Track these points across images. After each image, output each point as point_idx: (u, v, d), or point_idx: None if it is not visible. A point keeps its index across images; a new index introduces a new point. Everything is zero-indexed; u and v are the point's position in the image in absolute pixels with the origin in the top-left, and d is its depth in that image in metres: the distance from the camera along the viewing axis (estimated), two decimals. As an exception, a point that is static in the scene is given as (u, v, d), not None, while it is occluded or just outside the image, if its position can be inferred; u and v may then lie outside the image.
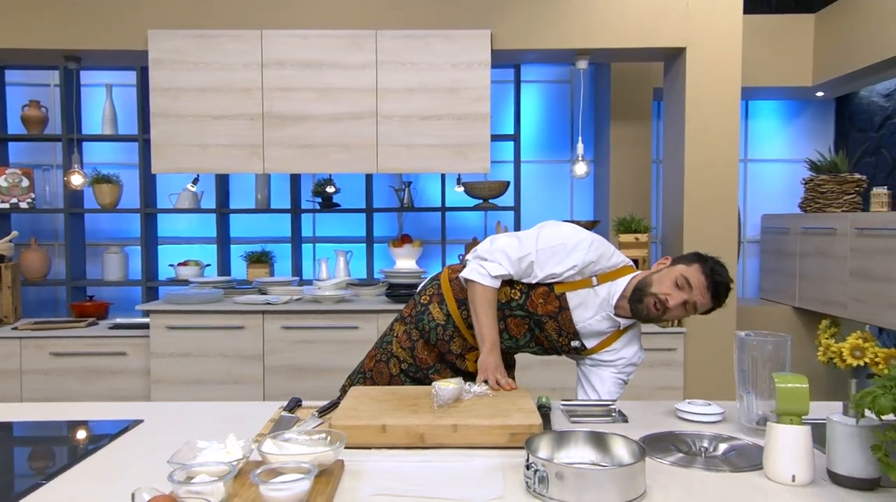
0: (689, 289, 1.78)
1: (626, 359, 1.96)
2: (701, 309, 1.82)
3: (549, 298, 1.89)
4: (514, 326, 1.95)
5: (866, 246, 3.86)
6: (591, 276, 1.88)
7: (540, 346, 1.99)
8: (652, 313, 1.81)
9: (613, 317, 1.89)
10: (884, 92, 4.63)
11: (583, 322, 1.90)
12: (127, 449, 1.48)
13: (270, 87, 3.57)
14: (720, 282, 1.79)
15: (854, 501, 1.20)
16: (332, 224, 4.71)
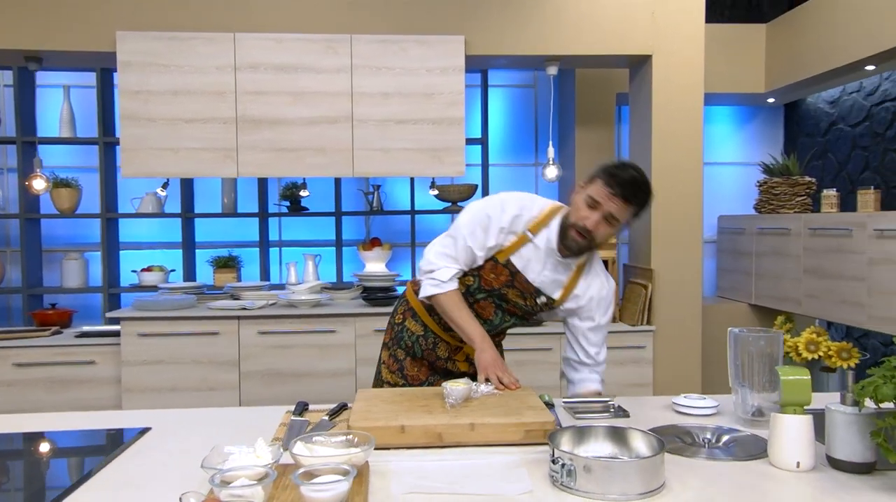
0: (599, 205, 1.79)
1: (595, 298, 1.96)
2: (624, 216, 1.81)
3: (497, 269, 1.92)
4: (482, 310, 1.98)
5: (818, 245, 4.07)
6: (523, 231, 1.90)
7: (515, 317, 2.01)
8: (580, 242, 1.83)
9: (563, 261, 1.90)
10: (829, 99, 4.88)
11: (537, 276, 1.91)
12: (144, 455, 1.48)
13: (244, 91, 3.55)
14: (624, 180, 1.77)
15: (853, 484, 1.29)
16: (299, 228, 4.69)
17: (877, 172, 4.43)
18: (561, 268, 1.92)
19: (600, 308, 1.97)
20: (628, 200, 1.78)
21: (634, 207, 1.80)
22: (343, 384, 3.52)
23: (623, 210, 1.79)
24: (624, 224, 1.84)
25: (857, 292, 3.75)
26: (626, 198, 1.77)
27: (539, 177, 4.89)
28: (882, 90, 4.40)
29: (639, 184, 1.79)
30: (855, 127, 4.63)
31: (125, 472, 1.38)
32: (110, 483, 1.32)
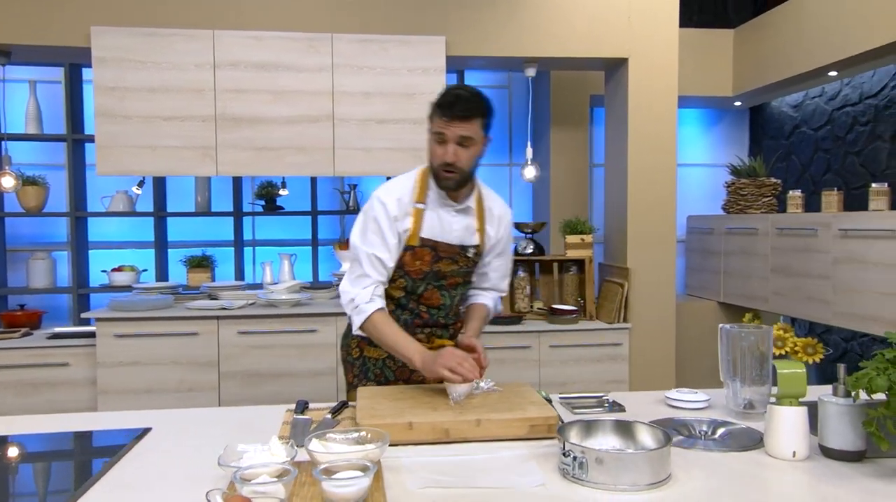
0: (445, 135, 1.83)
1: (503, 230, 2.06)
2: (472, 131, 1.83)
3: (417, 254, 1.94)
4: (429, 299, 1.99)
5: (785, 244, 4.20)
6: (413, 206, 1.92)
7: (461, 286, 2.03)
8: (451, 177, 1.86)
9: (458, 206, 1.95)
10: (793, 103, 5.04)
11: (451, 234, 1.95)
12: (150, 455, 1.47)
13: (223, 89, 3.51)
14: (451, 102, 1.80)
15: (846, 472, 1.36)
16: (272, 227, 4.65)
17: (838, 174, 4.59)
18: (462, 214, 1.97)
19: (507, 236, 2.09)
20: (465, 117, 1.81)
21: (477, 119, 1.84)
22: (324, 384, 3.52)
23: (467, 127, 1.82)
24: (484, 138, 1.88)
25: (822, 290, 3.89)
26: (462, 115, 1.81)
27: (513, 176, 4.94)
28: (843, 95, 4.56)
29: (465, 98, 1.83)
30: (817, 130, 4.79)
31: (133, 473, 1.37)
32: (120, 484, 1.32)
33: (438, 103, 1.86)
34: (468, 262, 2.00)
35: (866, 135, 4.36)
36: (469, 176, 1.92)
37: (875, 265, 3.53)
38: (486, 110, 1.87)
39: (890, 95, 4.19)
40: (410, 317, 2.02)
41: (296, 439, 1.44)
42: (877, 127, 4.28)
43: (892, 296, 3.42)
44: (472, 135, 1.84)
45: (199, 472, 1.37)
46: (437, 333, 2.06)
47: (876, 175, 4.27)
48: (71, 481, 1.38)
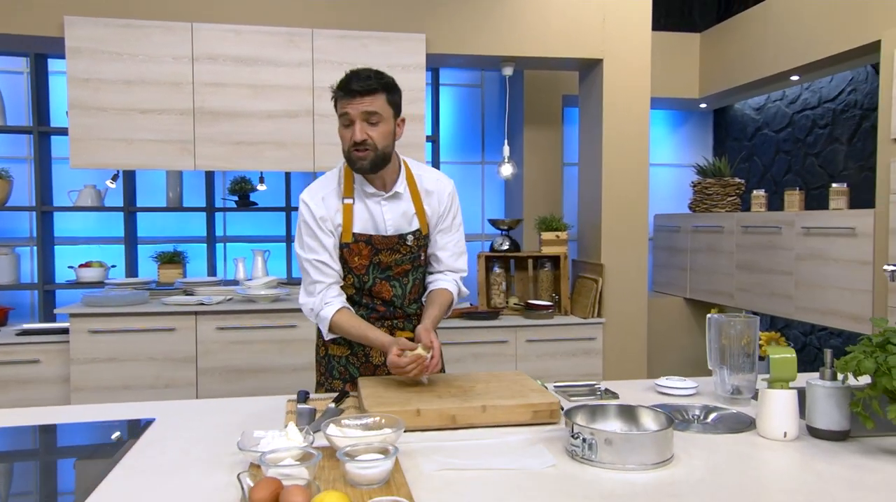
0: (348, 115, 1.81)
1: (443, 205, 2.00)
2: (377, 106, 1.81)
3: (355, 249, 1.91)
4: (381, 292, 1.97)
5: (750, 242, 4.35)
6: (341, 202, 1.91)
7: (411, 272, 2.00)
8: (363, 156, 1.82)
9: (385, 194, 1.92)
10: (755, 106, 5.21)
11: (384, 223, 1.93)
12: (160, 443, 1.47)
13: (202, 82, 3.48)
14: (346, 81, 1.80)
15: (834, 450, 1.44)
16: (243, 223, 4.62)
17: (798, 175, 4.77)
18: (392, 201, 1.94)
19: (449, 210, 2.02)
20: (364, 91, 1.78)
21: (379, 94, 1.81)
22: (304, 379, 3.51)
23: (369, 102, 1.79)
24: (393, 114, 1.85)
25: (785, 285, 4.04)
26: (362, 91, 1.78)
27: (486, 174, 5.00)
28: (803, 99, 4.74)
29: (359, 73, 1.81)
30: (778, 132, 4.97)
31: (147, 460, 1.38)
32: (136, 471, 1.32)
33: (337, 87, 1.84)
34: (409, 250, 1.96)
35: (825, 138, 4.54)
36: (385, 156, 1.86)
37: (836, 261, 3.69)
38: (386, 85, 1.83)
39: (846, 100, 4.37)
40: (366, 312, 1.99)
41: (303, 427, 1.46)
42: (834, 130, 4.47)
43: (852, 291, 3.58)
44: (376, 110, 1.80)
45: (213, 458, 1.38)
46: (399, 325, 2.02)
47: (834, 176, 4.45)
48: (85, 470, 1.38)
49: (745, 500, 1.18)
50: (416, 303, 2.06)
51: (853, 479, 1.28)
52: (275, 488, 1.08)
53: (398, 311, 2.01)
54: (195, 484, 1.26)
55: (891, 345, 1.33)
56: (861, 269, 3.52)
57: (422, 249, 2.01)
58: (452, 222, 2.04)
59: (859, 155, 4.27)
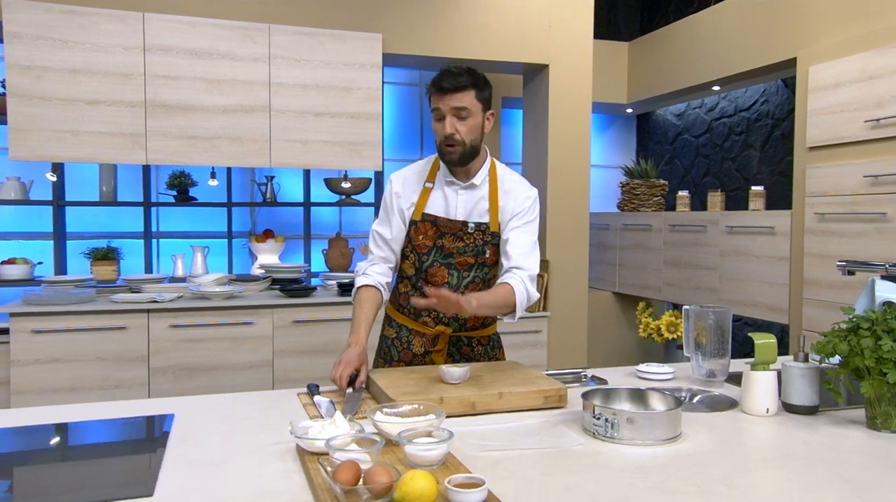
0: (441, 111, 1.92)
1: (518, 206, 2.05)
2: (467, 101, 1.90)
3: (421, 228, 2.03)
4: (435, 276, 2.04)
5: (677, 239, 4.67)
6: (420, 185, 2.05)
7: (474, 268, 2.05)
8: (453, 150, 1.94)
9: (464, 184, 2.03)
10: (676, 112, 5.58)
11: (455, 210, 2.03)
12: (195, 437, 1.49)
13: (154, 74, 3.40)
14: (440, 78, 1.90)
15: (808, 422, 1.64)
16: (178, 218, 4.51)
17: (716, 177, 5.16)
18: (467, 191, 2.04)
19: (526, 212, 2.07)
20: (455, 88, 1.89)
21: (468, 90, 1.91)
22: (259, 376, 3.50)
23: (459, 98, 1.90)
24: (482, 109, 1.95)
25: (710, 279, 4.38)
26: (452, 88, 1.89)
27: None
28: (720, 107, 5.13)
29: (452, 72, 1.91)
30: (698, 137, 5.34)
31: (192, 453, 1.39)
32: (186, 462, 1.34)
33: (431, 82, 1.95)
34: (474, 240, 2.03)
35: (740, 144, 4.94)
36: (474, 149, 1.98)
37: (756, 257, 4.04)
38: (476, 81, 1.92)
39: (760, 110, 4.77)
40: (420, 296, 2.03)
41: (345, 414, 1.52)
42: (749, 136, 4.87)
43: (770, 285, 3.94)
44: (465, 106, 1.90)
45: (259, 449, 1.42)
46: (445, 319, 2.08)
47: (749, 179, 4.85)
48: (132, 465, 1.38)
49: (756, 466, 1.35)
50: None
51: (833, 445, 1.47)
52: (356, 470, 1.15)
53: None
54: (255, 472, 1.30)
55: (861, 329, 1.55)
56: (779, 265, 3.88)
57: (487, 245, 2.05)
58: (527, 224, 2.06)
59: (771, 160, 4.67)
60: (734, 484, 1.24)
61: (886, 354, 1.48)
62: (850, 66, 3.42)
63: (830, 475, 1.30)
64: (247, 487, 1.23)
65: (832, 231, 3.52)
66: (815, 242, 3.61)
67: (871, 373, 1.52)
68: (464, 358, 2.15)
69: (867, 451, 1.45)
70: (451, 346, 2.14)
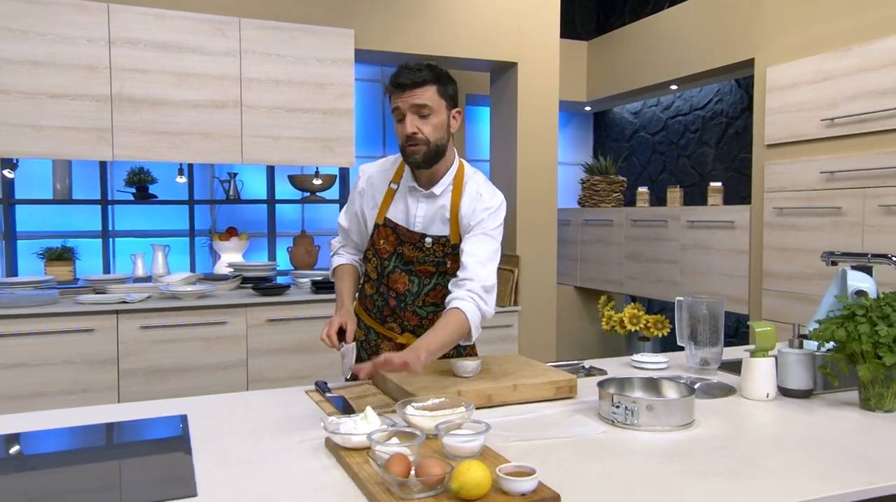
0: (400, 110, 1.82)
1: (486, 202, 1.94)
2: (427, 99, 1.81)
3: (382, 233, 1.98)
4: (396, 283, 1.99)
5: (638, 234, 4.80)
6: (385, 185, 2.00)
7: (435, 276, 1.98)
8: (416, 149, 1.84)
9: (426, 192, 1.94)
10: (633, 110, 5.72)
11: (414, 220, 1.96)
12: (216, 438, 1.46)
13: (121, 67, 3.28)
14: (397, 75, 1.83)
15: (804, 404, 1.73)
16: (134, 217, 4.37)
17: (672, 174, 5.32)
18: (428, 200, 1.94)
19: (485, 221, 1.92)
20: (414, 83, 1.80)
21: (429, 86, 1.81)
22: (233, 376, 3.44)
23: (419, 95, 1.80)
24: (446, 106, 1.85)
25: (671, 273, 4.52)
26: (411, 84, 1.79)
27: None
28: (676, 106, 5.29)
29: (410, 68, 1.83)
30: (654, 135, 5.50)
31: (221, 453, 1.37)
32: (219, 463, 1.32)
33: (389, 80, 1.85)
34: (433, 252, 1.95)
35: (695, 141, 5.11)
36: (439, 149, 1.86)
37: (717, 251, 4.19)
38: (437, 76, 1.83)
39: (714, 109, 4.95)
40: (381, 302, 2.04)
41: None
42: (704, 134, 5.04)
43: (731, 277, 4.10)
44: (427, 103, 1.80)
45: (289, 446, 1.41)
46: (409, 325, 2.02)
47: (703, 175, 5.02)
48: (165, 463, 1.35)
49: (775, 447, 1.42)
50: (432, 307, 2.01)
51: (836, 426, 1.56)
52: (407, 463, 1.16)
53: (409, 309, 2.00)
54: (292, 469, 1.29)
55: (856, 316, 1.64)
56: (739, 257, 4.04)
57: (447, 257, 1.97)
58: (485, 233, 1.90)
59: (726, 157, 4.85)
60: (762, 466, 1.30)
61: (883, 339, 1.57)
62: (805, 67, 3.59)
63: (843, 453, 1.38)
64: (289, 484, 1.23)
65: (790, 225, 3.68)
66: (773, 235, 3.77)
67: (867, 356, 1.61)
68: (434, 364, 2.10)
69: (867, 430, 1.53)
70: None
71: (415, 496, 1.12)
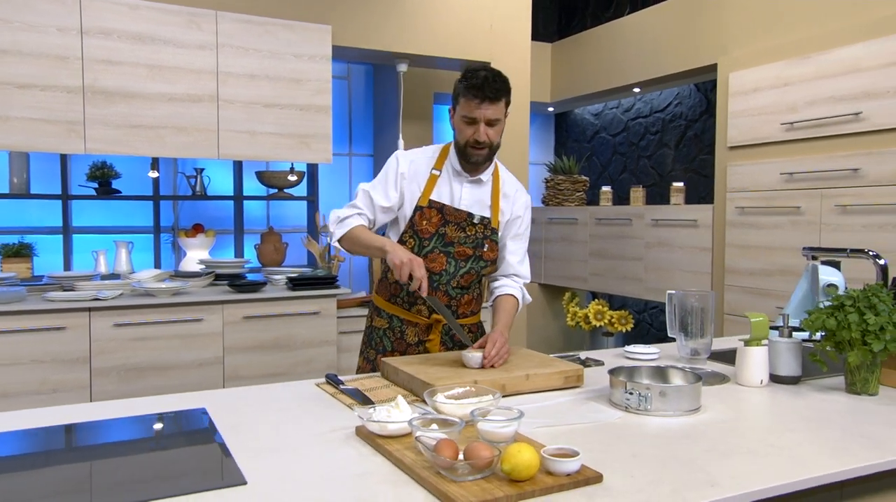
0: (473, 118, 1.95)
1: (518, 210, 2.15)
2: (499, 113, 1.96)
3: (426, 214, 2.06)
4: (433, 262, 2.06)
5: (603, 232, 4.93)
6: (430, 172, 2.09)
7: (471, 260, 2.09)
8: (481, 153, 2.01)
9: (472, 179, 2.09)
10: (594, 112, 5.86)
11: (460, 201, 2.08)
12: (245, 429, 1.46)
13: (93, 58, 3.19)
14: (481, 85, 1.91)
15: (795, 390, 1.84)
16: (96, 213, 4.25)
17: (633, 174, 5.48)
18: (473, 185, 2.10)
19: (523, 219, 2.18)
20: (495, 98, 1.94)
21: (504, 98, 1.97)
22: (209, 374, 3.39)
23: (495, 109, 1.95)
24: (505, 115, 2.02)
25: (635, 269, 4.66)
26: (491, 98, 1.93)
27: (353, 167, 5.08)
28: (636, 108, 5.45)
29: (493, 80, 1.93)
30: (615, 136, 5.65)
31: (253, 443, 1.37)
32: (256, 452, 1.32)
33: (468, 85, 1.93)
34: (475, 232, 2.08)
35: (655, 143, 5.28)
36: (496, 149, 2.06)
37: (680, 248, 4.35)
38: (508, 89, 1.99)
39: (674, 111, 5.12)
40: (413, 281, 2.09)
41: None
42: (664, 136, 5.21)
43: (694, 273, 4.25)
44: (500, 116, 1.98)
45: (319, 435, 1.42)
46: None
47: (663, 176, 5.19)
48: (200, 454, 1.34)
49: (782, 428, 1.51)
50: (464, 290, 2.14)
51: (830, 408, 1.66)
52: (454, 447, 1.19)
53: (441, 288, 2.09)
54: (332, 457, 1.31)
55: (845, 307, 1.75)
56: (702, 255, 4.20)
57: (486, 240, 2.10)
58: (524, 231, 2.19)
59: (685, 158, 5.03)
60: (776, 445, 1.39)
61: (871, 327, 1.69)
62: (767, 73, 3.76)
63: (846, 433, 1.48)
64: (333, 471, 1.24)
65: (751, 223, 3.86)
66: (735, 234, 3.94)
67: (855, 344, 1.73)
68: (456, 345, 2.20)
69: (859, 411, 1.64)
70: (444, 335, 2.19)
71: (466, 478, 1.16)
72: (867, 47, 3.29)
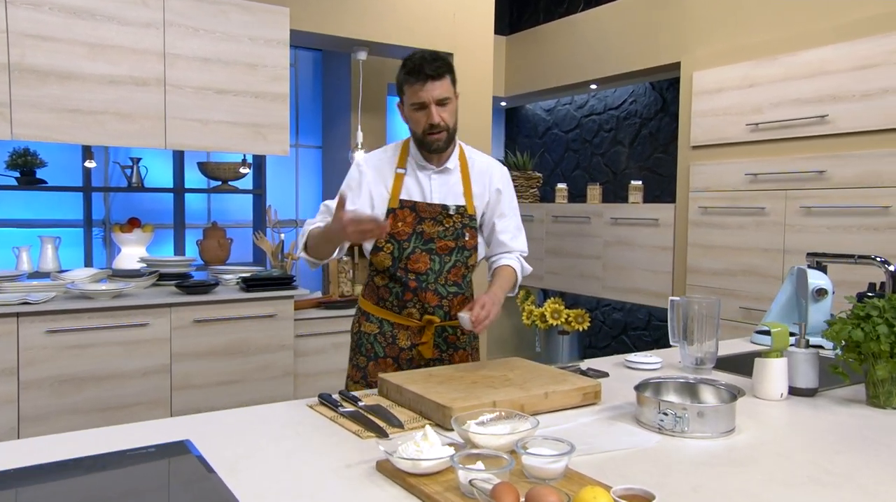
0: (423, 101, 1.90)
1: (496, 189, 2.09)
2: (446, 90, 1.91)
3: (399, 215, 1.99)
4: (416, 263, 1.99)
5: (560, 230, 4.86)
6: (395, 171, 2.01)
7: (455, 252, 2.02)
8: (439, 137, 1.95)
9: (437, 169, 2.02)
10: (546, 107, 5.79)
11: (431, 193, 2.02)
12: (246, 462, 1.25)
13: (21, 33, 2.84)
14: (419, 66, 1.88)
15: (815, 402, 1.76)
16: (17, 205, 3.86)
17: (586, 171, 5.44)
18: (441, 175, 2.03)
19: (503, 193, 2.12)
20: (436, 75, 1.89)
21: (447, 76, 1.93)
22: (156, 383, 3.10)
23: (441, 87, 1.90)
24: (454, 92, 1.97)
25: (594, 268, 4.60)
26: (433, 76, 1.88)
27: (300, 158, 4.82)
28: (589, 105, 5.40)
29: (429, 58, 1.90)
30: (567, 133, 5.59)
31: (258, 483, 1.17)
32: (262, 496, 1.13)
33: (408, 70, 1.90)
34: (453, 223, 2.02)
35: (609, 140, 5.24)
36: (454, 132, 2.00)
37: (641, 247, 4.32)
38: (449, 66, 1.95)
39: (629, 109, 5.10)
40: (399, 287, 2.02)
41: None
42: (618, 134, 5.18)
43: (654, 272, 4.23)
44: (448, 93, 1.92)
45: (329, 470, 1.23)
46: (430, 307, 2.03)
47: (618, 174, 5.16)
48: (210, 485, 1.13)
49: (829, 448, 1.42)
50: (453, 286, 2.06)
51: (859, 424, 1.59)
52: (515, 493, 1.03)
53: (430, 288, 2.01)
54: (358, 499, 1.13)
55: (872, 317, 1.69)
56: (663, 254, 4.18)
57: (465, 229, 2.04)
58: (509, 206, 2.14)
59: (640, 157, 5.01)
60: (834, 472, 1.29)
61: (901, 338, 1.62)
62: (732, 73, 3.75)
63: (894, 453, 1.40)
64: (370, 523, 1.06)
65: (714, 223, 3.85)
66: (698, 233, 3.93)
67: (882, 356, 1.66)
68: (450, 347, 2.12)
69: (893, 428, 1.58)
70: (437, 337, 2.10)
71: (531, 529, 1.00)
72: (835, 50, 3.30)
